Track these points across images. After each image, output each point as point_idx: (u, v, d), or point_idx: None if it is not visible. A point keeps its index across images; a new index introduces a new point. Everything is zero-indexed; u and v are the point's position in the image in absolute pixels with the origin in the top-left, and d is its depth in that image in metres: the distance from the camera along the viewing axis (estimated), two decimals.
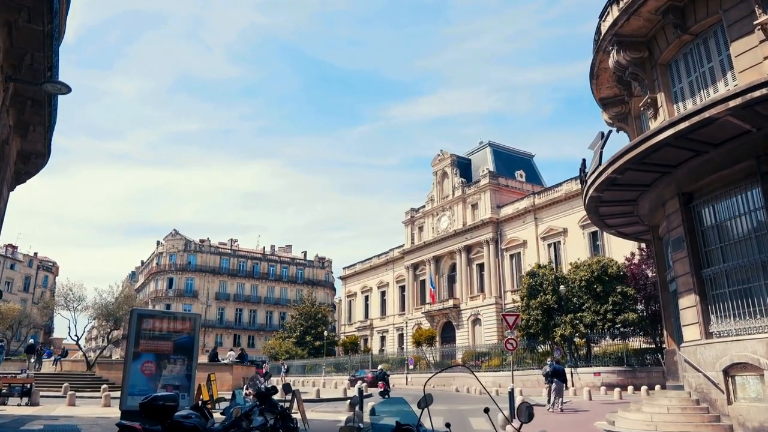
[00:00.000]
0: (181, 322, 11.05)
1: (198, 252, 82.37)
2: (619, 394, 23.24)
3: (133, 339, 10.09)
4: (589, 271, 32.07)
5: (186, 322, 11.04)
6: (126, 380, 10.06)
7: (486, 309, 51.84)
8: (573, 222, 46.20)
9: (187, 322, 11.01)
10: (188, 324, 10.93)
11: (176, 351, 10.65)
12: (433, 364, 48.36)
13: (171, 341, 10.44)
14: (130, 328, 10.35)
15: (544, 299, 32.30)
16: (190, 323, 10.90)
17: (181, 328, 10.77)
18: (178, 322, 11.01)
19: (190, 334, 10.85)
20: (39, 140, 14.61)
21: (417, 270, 63.34)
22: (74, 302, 30.81)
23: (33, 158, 15.58)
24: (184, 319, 11.03)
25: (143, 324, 10.50)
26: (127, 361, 10.32)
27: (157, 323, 10.76)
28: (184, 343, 10.61)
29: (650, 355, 34.37)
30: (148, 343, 10.43)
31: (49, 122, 13.76)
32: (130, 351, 10.16)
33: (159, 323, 10.77)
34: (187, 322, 11.03)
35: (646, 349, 34.17)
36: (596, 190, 14.87)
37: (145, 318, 10.67)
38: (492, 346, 45.14)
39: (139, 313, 10.63)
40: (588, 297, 31.80)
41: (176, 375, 10.54)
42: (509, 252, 51.86)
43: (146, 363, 10.39)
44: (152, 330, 10.59)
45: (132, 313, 10.64)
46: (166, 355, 10.47)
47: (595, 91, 18.39)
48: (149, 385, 10.25)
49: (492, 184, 54.54)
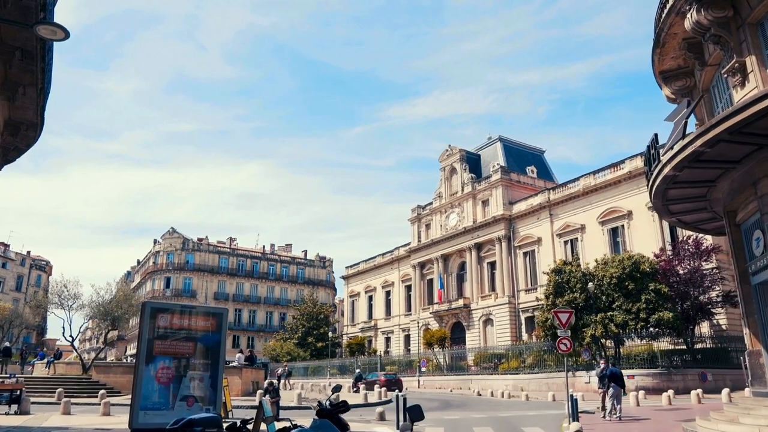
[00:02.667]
0: (204, 318, 8.79)
1: (196, 251, 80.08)
2: (668, 400, 21.31)
3: (146, 339, 7.95)
4: (620, 268, 30.15)
5: (210, 318, 8.80)
6: (137, 390, 7.81)
7: (498, 309, 49.88)
8: (591, 218, 44.36)
9: (211, 318, 8.78)
10: (213, 321, 8.73)
11: (198, 354, 8.47)
12: (445, 367, 46.37)
13: (192, 342, 8.27)
14: (142, 325, 8.11)
15: (572, 297, 30.33)
16: (215, 320, 8.69)
17: (204, 326, 8.59)
18: (201, 318, 8.74)
19: (216, 333, 8.66)
20: (30, 106, 12.50)
21: (424, 269, 61.34)
22: (69, 300, 28.66)
23: (23, 130, 13.46)
24: (209, 315, 8.78)
25: (158, 320, 8.28)
26: (138, 366, 8.00)
27: (176, 319, 8.51)
28: (209, 343, 8.45)
29: (677, 356, 32.56)
30: (165, 344, 8.24)
31: (43, 82, 11.67)
32: (142, 354, 7.94)
33: (178, 319, 8.52)
34: (212, 319, 8.80)
35: (677, 350, 32.32)
36: (675, 167, 12.89)
37: (161, 313, 8.40)
38: (508, 348, 43.18)
39: (153, 307, 8.34)
40: (619, 295, 29.87)
41: (199, 384, 8.34)
42: (522, 249, 49.93)
43: (162, 369, 8.16)
44: (169, 328, 8.39)
45: (144, 307, 8.31)
46: (187, 358, 8.30)
47: (656, 63, 16.43)
48: (165, 397, 8.04)
49: (504, 179, 52.63)
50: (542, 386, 32.27)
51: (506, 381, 35.29)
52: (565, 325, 15.92)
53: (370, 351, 61.12)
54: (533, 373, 34.82)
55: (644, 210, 40.56)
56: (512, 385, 34.12)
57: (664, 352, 31.92)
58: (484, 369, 42.40)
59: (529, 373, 35.32)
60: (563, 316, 15.99)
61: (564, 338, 15.97)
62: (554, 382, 32.36)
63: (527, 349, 40.22)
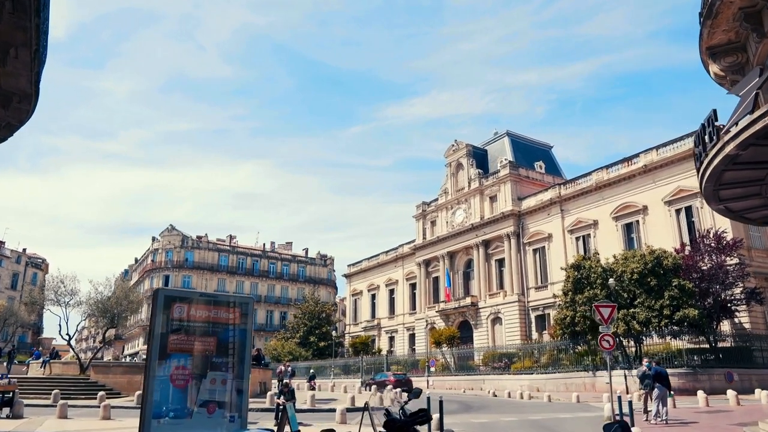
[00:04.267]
0: (227, 308, 7.28)
1: (195, 248, 78.66)
2: (704, 401, 20.04)
3: (158, 333, 6.54)
4: (642, 263, 28.89)
5: (234, 308, 7.29)
6: (148, 395, 6.36)
7: (507, 307, 48.60)
8: (605, 213, 43.13)
9: (236, 308, 7.28)
10: (237, 311, 7.24)
11: (221, 351, 7.02)
12: (454, 367, 45.09)
13: (214, 336, 6.84)
14: (154, 317, 6.60)
15: (593, 294, 29.05)
16: (240, 310, 7.20)
17: (227, 317, 7.10)
18: (223, 309, 7.22)
19: (241, 326, 7.20)
20: (23, 72, 11.11)
21: (429, 266, 60.04)
22: (66, 297, 27.27)
23: (15, 101, 12.07)
24: (233, 304, 7.27)
25: (173, 311, 6.78)
26: (149, 366, 6.49)
27: (194, 310, 6.99)
28: (233, 338, 7.01)
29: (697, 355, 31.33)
30: (181, 339, 6.75)
31: (38, 43, 10.28)
32: (154, 351, 6.49)
33: (196, 310, 7.00)
34: (237, 309, 7.29)
35: (698, 349, 31.09)
36: (739, 145, 11.63)
37: (177, 302, 6.87)
38: (519, 347, 41.94)
39: (167, 296, 6.82)
40: (641, 291, 28.62)
41: (221, 387, 6.92)
42: (532, 246, 48.67)
43: (178, 369, 6.68)
44: (186, 320, 6.90)
45: (157, 295, 6.77)
46: (207, 356, 6.86)
47: (705, 37, 15.15)
48: (182, 402, 6.60)
49: (512, 174, 51.38)
50: (560, 387, 31.01)
51: (521, 381, 34.00)
52: (607, 321, 14.66)
53: (374, 350, 59.80)
54: (549, 373, 33.56)
55: (660, 205, 39.38)
56: (528, 385, 32.84)
57: (684, 351, 30.74)
58: (494, 369, 41.14)
59: (544, 373, 34.06)
60: (605, 311, 14.72)
61: (606, 335, 14.71)
62: (573, 382, 31.14)
63: (540, 348, 38.99)
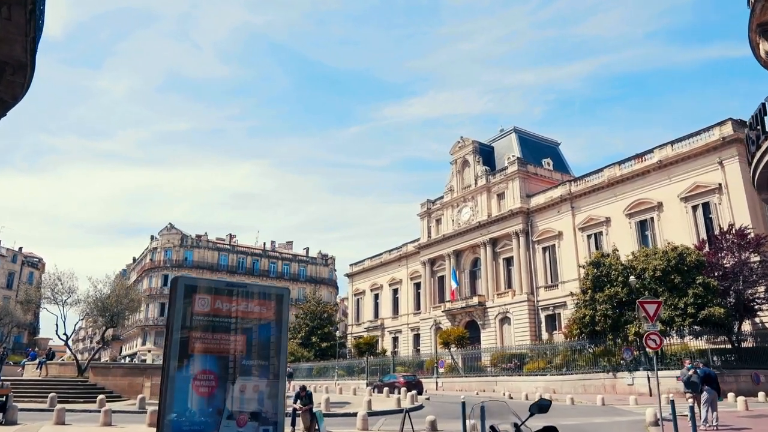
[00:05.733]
0: (259, 300, 5.87)
1: (195, 247, 77.39)
2: (744, 404, 18.92)
3: (178, 330, 5.19)
4: (665, 260, 27.77)
5: (268, 301, 5.91)
6: (167, 404, 4.99)
7: (516, 307, 47.45)
8: (617, 210, 42.05)
9: (269, 301, 5.90)
10: (271, 305, 5.87)
11: (252, 351, 5.67)
12: (462, 368, 43.89)
13: (244, 335, 5.51)
14: (173, 311, 5.21)
15: (614, 291, 27.92)
16: (274, 304, 5.84)
17: (259, 312, 5.74)
18: (255, 302, 5.81)
19: (276, 322, 5.83)
20: (17, 38, 9.90)
21: (434, 265, 58.86)
22: (63, 295, 25.99)
23: (9, 73, 10.89)
24: (266, 296, 5.86)
25: (195, 304, 5.39)
26: (167, 370, 5.09)
27: (220, 303, 5.59)
28: (266, 337, 5.67)
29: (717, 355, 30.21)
30: (205, 337, 5.38)
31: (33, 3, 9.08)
32: (172, 352, 5.12)
33: (223, 303, 5.60)
34: (270, 302, 5.91)
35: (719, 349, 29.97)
36: None
37: (200, 294, 5.48)
38: (529, 347, 40.79)
39: (187, 285, 5.42)
40: (663, 289, 27.51)
41: (253, 394, 5.54)
42: (542, 244, 47.54)
43: (202, 374, 5.27)
44: (211, 315, 5.50)
45: (176, 284, 5.35)
46: (236, 359, 5.50)
47: (757, 13, 14.01)
48: (207, 413, 5.22)
49: (521, 171, 50.26)
50: (577, 388, 29.84)
51: (535, 383, 32.84)
52: (653, 318, 13.50)
53: (379, 351, 58.59)
54: (564, 374, 32.40)
55: (676, 201, 38.31)
56: (543, 387, 31.69)
57: (703, 351, 29.67)
58: (504, 370, 40.00)
59: (559, 374, 32.90)
60: (650, 307, 13.56)
61: (652, 333, 13.55)
62: (591, 383, 29.99)
63: (552, 348, 37.86)
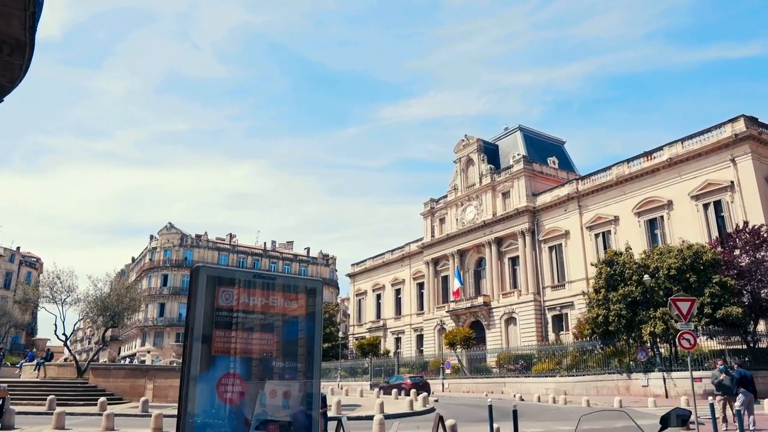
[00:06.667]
0: (290, 294, 5.00)
1: (195, 247, 76.60)
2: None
3: (200, 328, 4.34)
4: (680, 259, 27.10)
5: (299, 294, 5.04)
6: (187, 412, 4.13)
7: (522, 307, 46.75)
8: (626, 209, 41.38)
9: (301, 294, 5.04)
10: (303, 299, 5.02)
11: (283, 352, 4.82)
12: (467, 369, 43.22)
13: (273, 333, 4.70)
14: (193, 306, 4.34)
15: (628, 291, 27.23)
16: (306, 297, 5.00)
17: (289, 307, 4.89)
18: (285, 295, 4.94)
19: (308, 318, 4.99)
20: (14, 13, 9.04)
21: (438, 265, 58.16)
22: (62, 294, 25.25)
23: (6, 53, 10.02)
24: (297, 289, 5.01)
25: (219, 297, 4.53)
26: (187, 373, 4.21)
27: (247, 296, 4.71)
28: (297, 335, 4.85)
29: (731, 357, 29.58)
30: (231, 336, 4.55)
31: None
32: (193, 353, 4.25)
33: (250, 296, 4.72)
34: (302, 296, 5.05)
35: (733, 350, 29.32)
36: None
37: (224, 286, 4.61)
38: (537, 348, 40.11)
39: (210, 276, 4.56)
40: (678, 288, 26.79)
41: (284, 400, 4.70)
42: (548, 244, 46.87)
43: (227, 378, 4.41)
44: (237, 310, 4.64)
45: (197, 274, 4.45)
46: (266, 360, 4.68)
47: None
48: (233, 422, 4.38)
49: (527, 169, 49.59)
50: (590, 390, 29.14)
51: (545, 384, 32.16)
52: (686, 317, 12.82)
53: (382, 352, 57.91)
54: (575, 376, 31.72)
55: (687, 199, 37.66)
56: (553, 388, 30.98)
57: (715, 352, 29.05)
58: (510, 371, 39.34)
59: (569, 376, 32.22)
60: (683, 305, 12.91)
61: (686, 332, 12.87)
62: (604, 385, 29.31)
63: (560, 349, 37.21)
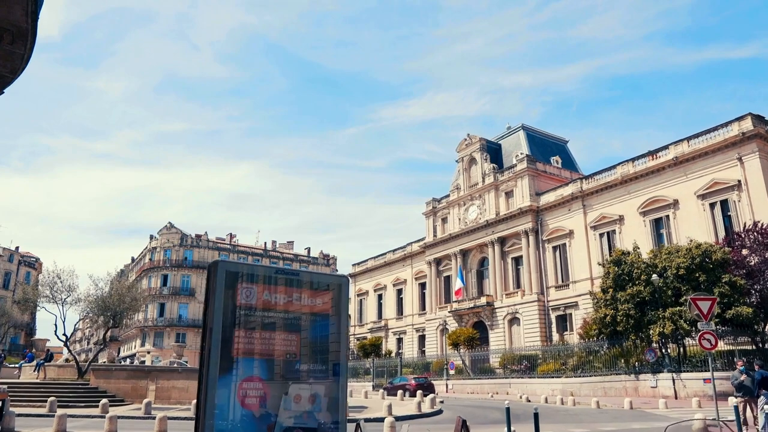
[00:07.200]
0: (315, 291, 4.69)
1: (195, 247, 76.19)
2: None
3: (219, 328, 3.98)
4: (689, 258, 26.75)
5: (325, 291, 4.75)
6: (206, 418, 3.71)
7: (526, 307, 46.39)
8: (631, 208, 41.03)
9: (326, 291, 4.74)
10: (328, 296, 4.74)
11: (308, 353, 4.54)
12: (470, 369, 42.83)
13: (296, 333, 4.39)
14: (212, 304, 3.94)
15: (636, 290, 26.87)
16: (331, 295, 4.70)
17: (314, 305, 4.57)
18: (310, 293, 4.59)
19: (333, 317, 4.66)
20: None
21: (440, 265, 57.78)
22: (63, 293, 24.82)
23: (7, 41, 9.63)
24: (321, 286, 4.70)
25: (239, 294, 4.22)
26: (205, 375, 3.81)
27: (269, 294, 4.41)
28: (324, 334, 4.54)
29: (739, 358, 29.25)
30: (252, 337, 4.24)
31: None
32: (212, 354, 3.82)
33: (272, 294, 4.42)
34: (327, 293, 4.76)
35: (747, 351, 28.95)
36: None
37: (244, 283, 4.29)
38: (542, 348, 39.74)
39: (230, 271, 4.23)
40: (687, 288, 26.46)
41: (309, 405, 4.35)
42: (552, 243, 46.51)
43: (249, 381, 4.03)
44: (258, 308, 4.30)
45: (216, 269, 4.09)
46: (289, 362, 4.34)
47: None
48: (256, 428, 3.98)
49: (530, 168, 49.23)
50: (597, 391, 28.76)
51: (551, 385, 31.78)
52: (707, 316, 12.45)
53: (384, 353, 57.52)
54: (581, 377, 31.35)
55: (693, 199, 37.30)
56: (560, 389, 30.62)
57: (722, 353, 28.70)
58: (513, 372, 38.98)
59: (575, 377, 31.85)
60: (704, 305, 12.54)
61: (707, 333, 12.50)
62: (612, 386, 28.93)
63: (566, 349, 36.84)
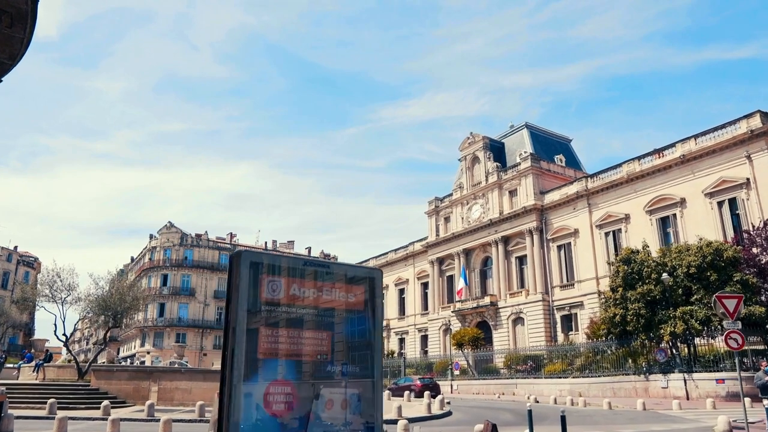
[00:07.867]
0: (346, 286, 4.00)
1: (195, 246, 75.61)
2: None
3: (242, 326, 3.33)
4: (699, 256, 26.30)
5: (356, 286, 4.06)
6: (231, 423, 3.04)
7: (530, 307, 45.93)
8: (637, 207, 40.58)
9: (358, 286, 4.06)
10: (360, 291, 4.05)
11: (340, 353, 3.87)
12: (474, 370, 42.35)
13: (328, 331, 3.74)
14: (235, 299, 3.24)
15: (647, 290, 26.41)
16: (363, 289, 4.02)
17: (345, 301, 3.92)
18: (340, 287, 3.93)
19: (368, 313, 4.03)
20: None
21: (443, 265, 57.32)
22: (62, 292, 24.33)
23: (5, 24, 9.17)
24: (353, 280, 4.03)
25: (263, 288, 3.53)
26: (228, 379, 3.12)
27: (297, 288, 3.73)
28: (356, 333, 3.91)
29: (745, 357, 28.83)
30: (279, 336, 3.56)
31: None
32: (236, 356, 3.16)
33: (301, 288, 3.73)
34: (360, 288, 4.07)
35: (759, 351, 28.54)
36: None
37: (270, 275, 3.58)
38: (547, 348, 39.29)
39: (254, 262, 3.53)
40: (698, 287, 26.03)
41: (341, 410, 3.70)
42: (556, 242, 46.06)
43: (276, 385, 3.36)
44: (287, 304, 3.63)
45: (238, 260, 3.39)
46: (320, 363, 3.69)
47: None
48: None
49: (534, 167, 48.78)
50: (606, 391, 28.30)
51: (559, 386, 31.33)
52: (733, 315, 12.00)
53: (386, 353, 57.05)
54: (589, 377, 30.90)
55: (700, 197, 36.86)
56: (568, 390, 30.17)
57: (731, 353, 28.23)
58: (518, 372, 38.52)
59: (583, 377, 31.39)
60: (730, 303, 12.08)
61: (733, 332, 12.04)
62: (621, 386, 28.49)
63: (572, 349, 36.41)
